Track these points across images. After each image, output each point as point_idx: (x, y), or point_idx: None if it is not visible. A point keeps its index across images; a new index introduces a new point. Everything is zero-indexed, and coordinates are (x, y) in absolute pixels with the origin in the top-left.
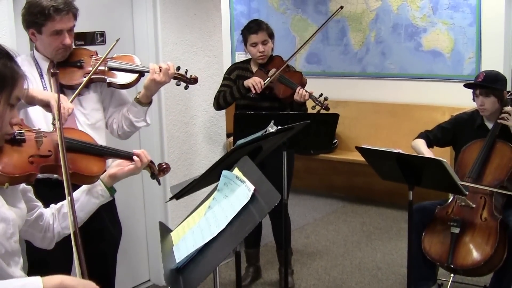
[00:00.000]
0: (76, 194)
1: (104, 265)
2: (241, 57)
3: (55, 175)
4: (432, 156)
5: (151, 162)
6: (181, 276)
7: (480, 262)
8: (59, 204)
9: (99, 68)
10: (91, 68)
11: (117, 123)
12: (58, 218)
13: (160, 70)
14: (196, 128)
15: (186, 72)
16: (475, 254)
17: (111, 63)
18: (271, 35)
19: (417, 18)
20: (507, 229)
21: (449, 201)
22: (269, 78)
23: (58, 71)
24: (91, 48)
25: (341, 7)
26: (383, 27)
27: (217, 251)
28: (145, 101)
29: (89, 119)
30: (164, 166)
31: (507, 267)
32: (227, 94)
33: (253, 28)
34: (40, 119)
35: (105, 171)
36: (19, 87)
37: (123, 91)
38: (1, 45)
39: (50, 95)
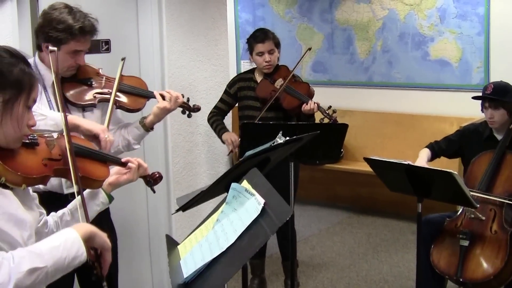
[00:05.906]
0: (75, 202)
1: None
2: (246, 65)
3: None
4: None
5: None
6: None
7: (490, 275)
8: (60, 212)
9: (111, 90)
10: (99, 89)
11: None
12: (61, 226)
13: (163, 98)
14: (201, 138)
15: (188, 100)
16: (485, 268)
17: (123, 87)
18: (277, 44)
19: (425, 27)
20: None
21: (458, 213)
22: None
23: None
24: (95, 56)
25: (309, 49)
26: (389, 36)
27: (226, 266)
28: (150, 126)
29: None
30: (157, 175)
31: None
32: (213, 128)
33: (260, 37)
34: None
35: None
36: (35, 89)
37: (119, 110)
38: (16, 50)
39: (99, 127)
